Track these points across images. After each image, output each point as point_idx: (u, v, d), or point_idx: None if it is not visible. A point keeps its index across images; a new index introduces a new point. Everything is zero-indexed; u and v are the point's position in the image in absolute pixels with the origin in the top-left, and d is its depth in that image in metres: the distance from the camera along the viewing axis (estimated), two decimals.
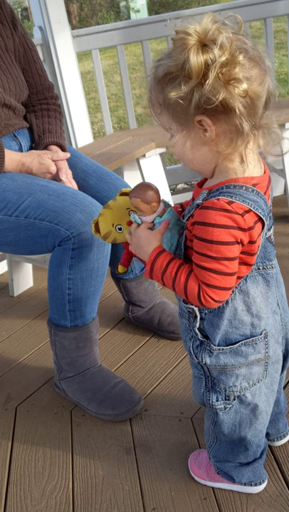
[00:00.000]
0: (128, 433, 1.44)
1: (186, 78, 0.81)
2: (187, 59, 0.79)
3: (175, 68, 0.82)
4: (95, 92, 6.34)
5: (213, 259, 0.88)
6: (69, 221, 1.38)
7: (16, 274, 2.22)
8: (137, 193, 1.03)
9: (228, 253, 0.88)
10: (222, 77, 0.80)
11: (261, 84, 0.84)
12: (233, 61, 0.80)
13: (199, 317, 1.01)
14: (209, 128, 0.85)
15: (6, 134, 1.59)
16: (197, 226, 0.89)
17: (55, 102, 1.77)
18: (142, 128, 2.88)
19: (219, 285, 0.90)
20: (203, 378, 1.08)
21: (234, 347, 1.01)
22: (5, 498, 1.31)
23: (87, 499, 1.27)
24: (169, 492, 1.25)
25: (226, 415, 1.10)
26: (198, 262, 0.91)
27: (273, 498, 1.19)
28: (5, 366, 1.80)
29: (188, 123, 0.86)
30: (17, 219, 1.41)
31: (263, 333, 1.02)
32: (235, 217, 0.86)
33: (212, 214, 0.86)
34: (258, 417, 1.11)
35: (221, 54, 0.79)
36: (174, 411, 1.49)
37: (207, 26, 0.80)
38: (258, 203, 0.89)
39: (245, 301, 0.98)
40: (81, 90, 2.63)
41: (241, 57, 0.80)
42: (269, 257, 1.00)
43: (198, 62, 0.79)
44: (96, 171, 1.69)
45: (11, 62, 1.63)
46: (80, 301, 1.46)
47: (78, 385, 1.53)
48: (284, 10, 2.63)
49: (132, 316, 1.85)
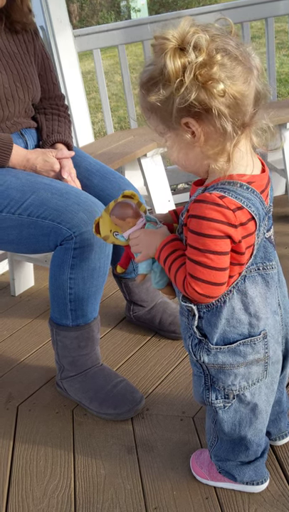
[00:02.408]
0: (130, 432, 1.44)
1: (165, 82, 0.83)
2: (164, 64, 0.81)
3: (156, 73, 0.84)
4: (96, 92, 6.34)
5: (200, 251, 0.90)
6: (71, 220, 1.38)
7: (18, 274, 2.22)
8: (112, 211, 1.09)
9: (214, 246, 0.89)
10: (200, 78, 0.81)
11: (246, 83, 0.84)
12: (210, 61, 0.81)
13: (197, 316, 1.02)
14: (196, 130, 0.86)
15: (14, 131, 1.62)
16: (190, 219, 0.91)
17: (65, 111, 1.81)
18: (142, 128, 2.88)
19: (203, 278, 0.91)
20: (202, 376, 1.09)
21: (232, 346, 1.01)
22: (7, 498, 1.31)
23: (89, 498, 1.27)
24: (170, 491, 1.25)
25: (225, 414, 1.10)
26: (188, 254, 0.93)
27: (275, 498, 1.19)
28: (6, 365, 1.80)
29: (175, 126, 0.88)
30: (20, 217, 1.41)
31: (261, 333, 1.01)
32: (225, 212, 0.87)
33: (203, 207, 0.88)
34: (257, 417, 1.11)
35: (198, 55, 0.80)
36: (176, 410, 1.49)
37: (184, 29, 0.82)
38: (252, 200, 0.89)
39: (243, 300, 0.99)
40: (82, 90, 2.63)
41: (219, 56, 0.81)
42: (269, 258, 1.00)
43: (174, 65, 0.81)
44: (100, 169, 1.69)
45: (30, 63, 1.68)
46: (81, 301, 1.46)
47: (80, 384, 1.53)
48: (285, 10, 2.63)
49: (134, 315, 1.85)
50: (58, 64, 2.51)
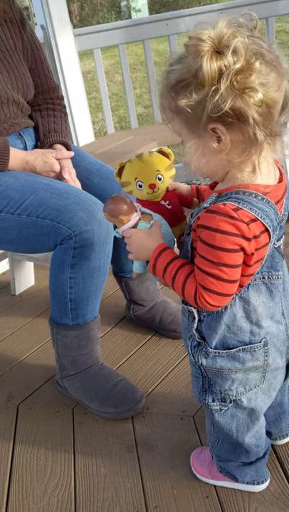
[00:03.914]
0: (130, 431, 1.44)
1: (198, 86, 0.79)
2: (200, 67, 0.77)
3: (188, 75, 0.80)
4: (96, 91, 6.34)
5: (213, 264, 0.88)
6: (71, 220, 1.38)
7: (18, 273, 2.22)
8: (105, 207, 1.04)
9: (228, 260, 0.87)
10: (237, 85, 0.77)
11: (278, 90, 0.81)
12: (248, 68, 0.77)
13: (197, 319, 1.01)
14: (223, 136, 0.82)
15: (12, 132, 1.60)
16: (202, 229, 0.88)
17: (60, 103, 1.78)
18: (143, 127, 2.88)
19: (216, 290, 0.90)
20: (200, 378, 1.08)
21: (231, 352, 1.00)
22: (7, 496, 1.31)
23: (89, 497, 1.27)
24: (171, 490, 1.25)
25: (221, 417, 1.10)
26: (199, 264, 0.90)
27: (275, 497, 1.19)
28: (7, 364, 1.80)
29: (200, 130, 0.84)
30: (19, 217, 1.41)
31: (262, 341, 1.00)
32: (239, 225, 0.84)
33: (216, 219, 0.85)
34: (254, 422, 1.11)
35: (236, 61, 0.76)
36: (176, 409, 1.49)
37: (222, 31, 0.77)
38: (267, 212, 0.87)
39: (245, 308, 0.97)
40: (83, 89, 2.63)
41: (258, 63, 0.77)
42: (276, 267, 0.98)
43: (211, 69, 0.77)
44: (100, 169, 1.69)
45: (19, 60, 1.64)
46: (81, 300, 1.46)
47: (80, 383, 1.53)
48: (285, 9, 2.63)
49: (134, 314, 1.85)
50: (58, 63, 2.52)
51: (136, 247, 1.03)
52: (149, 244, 1.01)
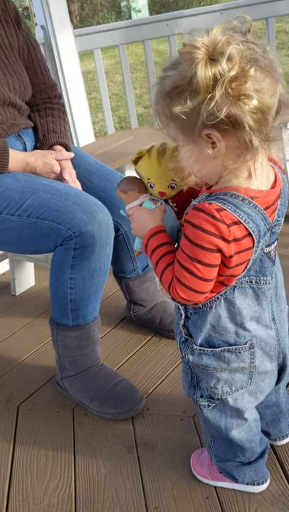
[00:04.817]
0: (130, 432, 1.44)
1: (193, 93, 0.79)
2: (194, 74, 0.77)
3: (182, 82, 0.80)
4: (96, 91, 6.34)
5: (189, 258, 0.89)
6: (71, 221, 1.38)
7: (18, 274, 2.22)
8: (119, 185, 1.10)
9: (203, 258, 0.88)
10: (232, 93, 0.77)
11: (273, 96, 0.81)
12: (243, 75, 0.77)
13: (184, 315, 1.03)
14: (218, 142, 0.83)
15: (12, 133, 1.60)
16: (186, 224, 0.90)
17: (58, 101, 1.77)
18: (143, 127, 2.88)
19: (188, 284, 0.92)
20: (189, 374, 1.11)
21: (216, 351, 1.01)
22: (7, 497, 1.31)
23: (90, 498, 1.27)
24: (171, 491, 1.25)
25: (210, 413, 1.12)
26: (178, 256, 0.93)
27: (276, 497, 1.19)
28: (7, 365, 1.81)
29: (195, 136, 0.84)
30: (19, 218, 1.41)
31: (248, 343, 1.01)
32: (219, 226, 0.85)
33: (200, 217, 0.86)
34: (242, 418, 1.12)
35: (231, 68, 0.76)
36: (176, 410, 1.49)
37: (216, 38, 0.77)
38: (252, 216, 0.87)
39: (230, 310, 0.98)
40: (83, 89, 2.63)
41: (252, 70, 0.77)
42: (264, 272, 0.98)
43: (205, 77, 0.76)
44: (100, 170, 1.69)
45: (16, 60, 1.63)
46: (81, 301, 1.46)
47: (80, 383, 1.53)
48: (285, 10, 2.63)
49: (134, 315, 1.85)
50: (58, 64, 2.52)
51: (137, 223, 1.05)
52: (148, 223, 1.02)
